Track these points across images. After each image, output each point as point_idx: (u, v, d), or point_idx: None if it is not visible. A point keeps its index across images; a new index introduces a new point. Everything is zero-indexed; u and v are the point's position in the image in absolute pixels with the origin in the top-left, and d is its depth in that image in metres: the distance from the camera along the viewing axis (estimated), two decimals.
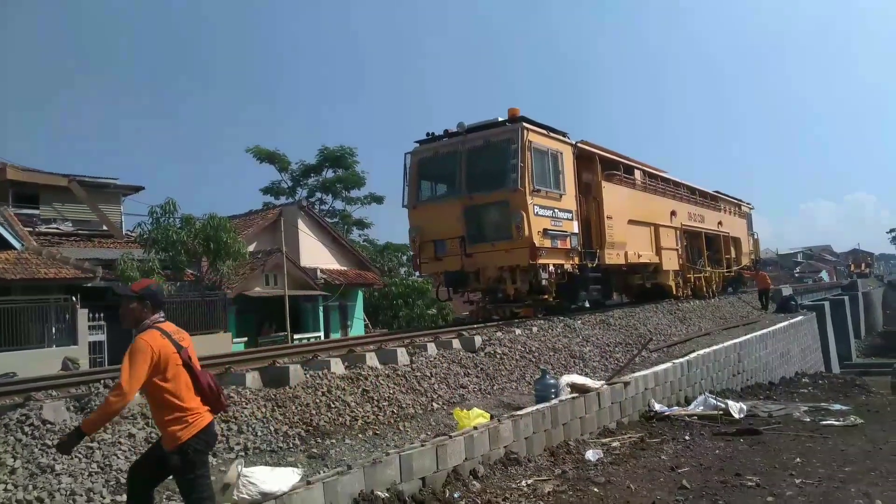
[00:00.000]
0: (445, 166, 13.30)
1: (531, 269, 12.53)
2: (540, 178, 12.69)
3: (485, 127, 13.06)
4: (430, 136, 13.76)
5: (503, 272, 12.83)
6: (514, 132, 12.47)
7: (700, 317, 17.86)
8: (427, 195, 13.90)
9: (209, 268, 20.42)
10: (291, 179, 40.37)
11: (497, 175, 12.65)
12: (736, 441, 8.14)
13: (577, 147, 14.31)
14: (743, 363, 14.15)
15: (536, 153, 12.67)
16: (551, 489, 5.95)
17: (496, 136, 12.78)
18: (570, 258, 13.55)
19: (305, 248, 26.05)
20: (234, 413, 6.17)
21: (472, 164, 12.90)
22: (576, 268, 13.77)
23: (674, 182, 20.24)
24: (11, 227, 17.95)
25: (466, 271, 13.11)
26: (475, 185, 12.78)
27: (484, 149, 12.87)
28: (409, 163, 13.70)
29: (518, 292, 13.04)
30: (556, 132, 13.73)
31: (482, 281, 13.20)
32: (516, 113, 12.79)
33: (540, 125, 13.18)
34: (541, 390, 8.00)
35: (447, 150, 13.31)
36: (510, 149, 12.42)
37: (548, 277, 12.81)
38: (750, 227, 28.49)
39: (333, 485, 4.71)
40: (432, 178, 13.91)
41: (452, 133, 13.36)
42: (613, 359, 11.66)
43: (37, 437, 5.07)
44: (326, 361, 7.88)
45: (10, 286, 16.23)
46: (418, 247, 13.48)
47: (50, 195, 21.43)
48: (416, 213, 13.64)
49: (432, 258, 13.33)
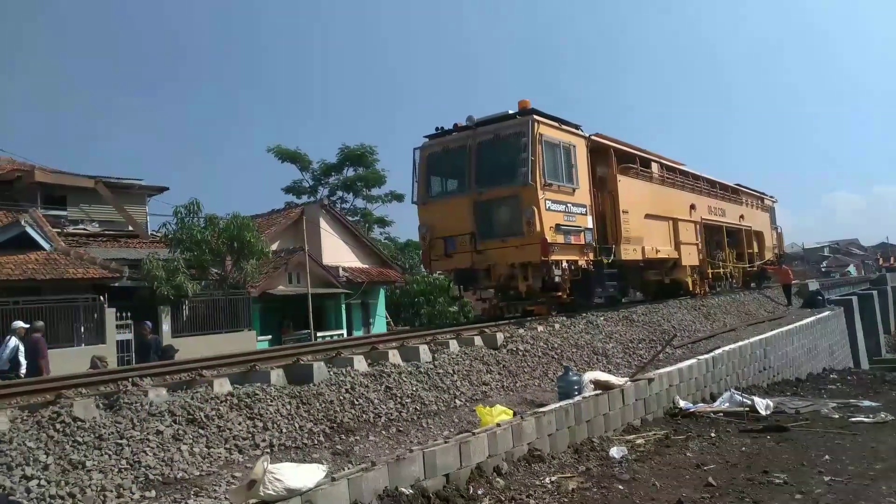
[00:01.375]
0: (454, 161, 13.06)
1: (543, 265, 12.21)
2: (552, 171, 12.38)
3: (494, 120, 12.77)
4: (439, 130, 13.48)
5: (515, 269, 12.56)
6: (524, 125, 12.16)
7: (725, 313, 17.65)
8: (437, 191, 13.64)
9: (233, 267, 20.63)
10: (313, 178, 40.67)
11: (507, 169, 12.40)
12: (763, 438, 8.03)
13: (590, 140, 13.97)
14: (769, 359, 13.96)
15: (548, 146, 12.34)
16: (575, 486, 5.93)
17: (506, 129, 12.48)
18: (585, 254, 13.24)
19: (327, 247, 26.20)
20: (259, 410, 6.23)
21: (481, 159, 12.64)
22: (591, 264, 13.45)
23: (693, 175, 19.75)
24: (40, 229, 18.27)
25: (477, 268, 12.85)
26: (485, 180, 12.52)
27: (493, 143, 12.59)
28: (417, 158, 13.45)
29: (530, 289, 12.75)
30: (569, 124, 13.42)
31: (493, 278, 12.93)
32: (527, 105, 12.49)
33: (552, 117, 12.87)
34: (564, 387, 7.97)
35: (456, 145, 13.05)
36: (520, 142, 12.13)
37: (561, 274, 12.48)
38: (773, 221, 27.79)
39: (358, 481, 4.73)
40: (441, 173, 13.66)
41: (462, 127, 13.09)
42: (637, 355, 11.58)
43: (68, 433, 5.16)
44: (350, 359, 7.93)
45: (39, 286, 16.56)
46: (428, 244, 13.27)
47: (77, 196, 21.80)
48: (425, 209, 13.44)
49: (442, 255, 13.10)
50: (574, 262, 12.92)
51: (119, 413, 5.61)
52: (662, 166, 17.71)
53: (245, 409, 6.21)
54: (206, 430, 5.74)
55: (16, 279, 16.02)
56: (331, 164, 39.94)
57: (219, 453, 5.53)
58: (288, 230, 25.88)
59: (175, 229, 19.85)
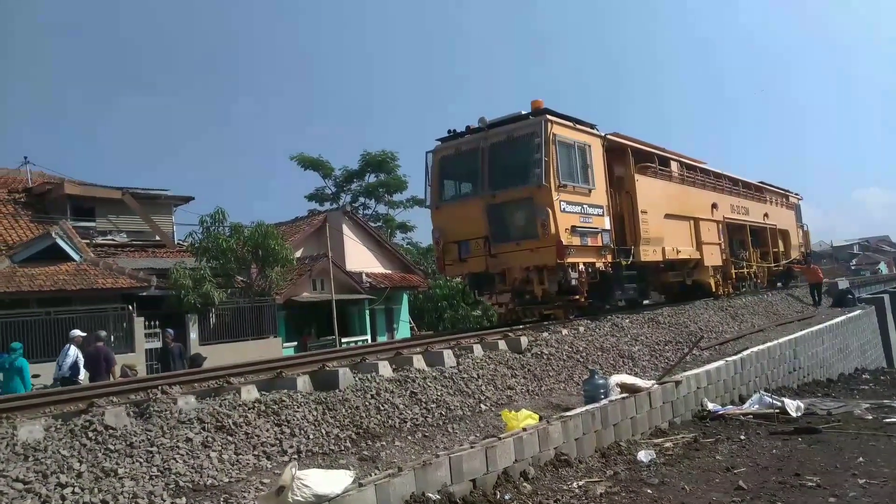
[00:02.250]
0: (467, 164, 12.84)
1: (559, 268, 11.95)
2: (566, 172, 12.13)
3: (507, 121, 12.54)
4: (451, 133, 13.29)
5: (530, 273, 12.29)
6: (537, 125, 11.91)
7: (752, 313, 17.40)
8: (450, 194, 13.44)
9: (258, 274, 20.85)
10: (335, 185, 41.02)
11: (520, 171, 12.14)
12: (794, 440, 7.91)
13: (606, 139, 13.64)
14: (799, 360, 13.74)
15: (562, 146, 12.09)
16: (603, 490, 5.89)
17: (518, 130, 12.24)
18: (602, 256, 12.96)
19: (350, 253, 26.38)
20: (286, 416, 6.28)
21: (494, 161, 12.41)
22: (609, 266, 13.18)
23: (714, 173, 19.35)
24: (70, 240, 18.64)
25: (491, 273, 12.64)
26: (498, 183, 12.29)
27: (506, 144, 12.36)
28: (430, 162, 13.27)
29: (546, 293, 12.48)
30: (584, 124, 13.14)
31: (508, 282, 12.68)
32: (540, 105, 12.23)
33: (566, 117, 12.61)
34: (590, 391, 7.93)
35: (468, 147, 12.82)
36: (533, 143, 11.86)
37: (578, 277, 12.23)
38: (799, 219, 27.18)
39: (385, 487, 4.75)
40: (454, 176, 13.45)
41: (474, 129, 12.86)
42: (664, 358, 11.47)
43: (100, 441, 5.25)
44: (374, 364, 7.95)
45: (70, 296, 16.88)
46: (442, 248, 13.12)
47: (105, 208, 22.15)
48: (438, 213, 13.28)
49: (456, 260, 12.89)
50: (591, 264, 12.69)
51: (149, 421, 5.70)
52: (682, 165, 17.37)
53: (272, 415, 6.27)
54: (234, 436, 5.80)
55: (47, 290, 16.37)
56: (353, 170, 40.28)
57: (247, 460, 5.58)
58: (311, 237, 26.11)
59: (201, 238, 20.15)
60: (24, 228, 19.76)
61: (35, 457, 4.88)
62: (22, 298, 16.19)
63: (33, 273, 16.81)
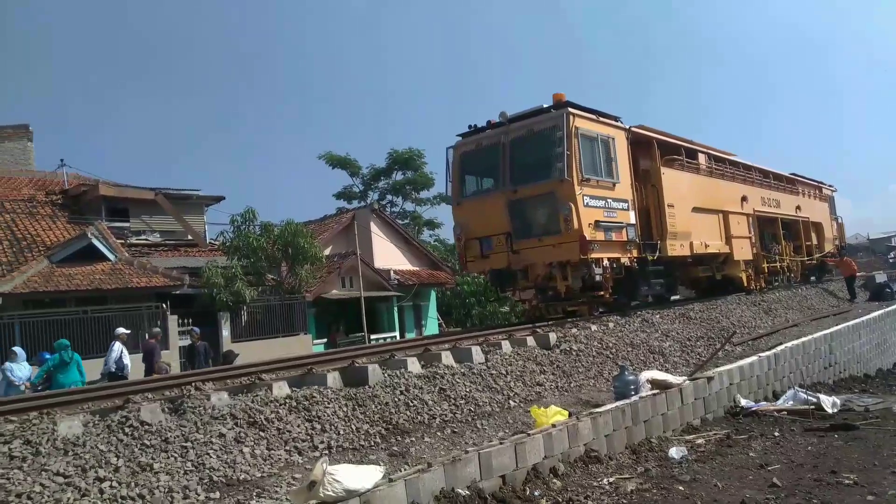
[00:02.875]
0: (488, 159, 12.69)
1: (583, 264, 11.71)
2: (589, 166, 11.88)
3: (528, 115, 12.36)
4: (472, 128, 13.17)
5: (553, 269, 12.07)
6: (558, 119, 11.70)
7: (786, 308, 17.08)
8: (472, 190, 13.30)
9: (288, 272, 21.08)
10: (363, 183, 41.27)
11: (542, 165, 11.96)
12: (830, 437, 7.75)
13: (631, 132, 13.36)
14: (835, 355, 13.45)
15: (584, 140, 11.86)
16: (634, 487, 5.84)
17: (540, 124, 12.05)
18: (628, 251, 12.66)
19: (378, 250, 26.51)
20: (317, 412, 6.35)
21: (515, 156, 12.24)
22: (634, 261, 12.87)
23: (744, 165, 18.87)
24: (106, 240, 19.05)
25: (513, 269, 12.46)
26: (519, 178, 12.11)
27: (527, 138, 12.16)
28: (451, 157, 13.19)
29: (570, 290, 12.27)
30: (607, 116, 12.89)
31: (530, 279, 12.51)
32: (561, 98, 12.04)
33: (588, 110, 12.39)
34: (620, 387, 7.86)
35: (489, 142, 12.68)
36: (555, 136, 11.65)
37: (602, 273, 11.95)
38: (833, 211, 26.46)
39: (415, 482, 4.77)
40: (475, 172, 13.33)
41: (495, 124, 12.73)
42: (695, 353, 11.33)
43: (136, 437, 5.37)
44: (403, 361, 8.00)
45: (106, 295, 17.26)
46: (463, 245, 12.99)
47: (139, 208, 22.58)
48: (459, 209, 13.18)
49: (478, 256, 12.74)
50: (616, 259, 12.42)
51: (183, 417, 5.81)
52: (710, 157, 16.98)
53: (303, 411, 6.35)
54: (266, 432, 5.89)
55: (84, 289, 16.75)
56: (380, 168, 40.50)
57: (279, 455, 5.67)
58: (340, 235, 26.31)
59: (232, 237, 20.43)
60: (61, 229, 20.24)
61: (74, 451, 5.02)
62: (60, 297, 16.60)
63: (70, 273, 17.22)
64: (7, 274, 16.47)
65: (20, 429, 5.26)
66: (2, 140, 28.41)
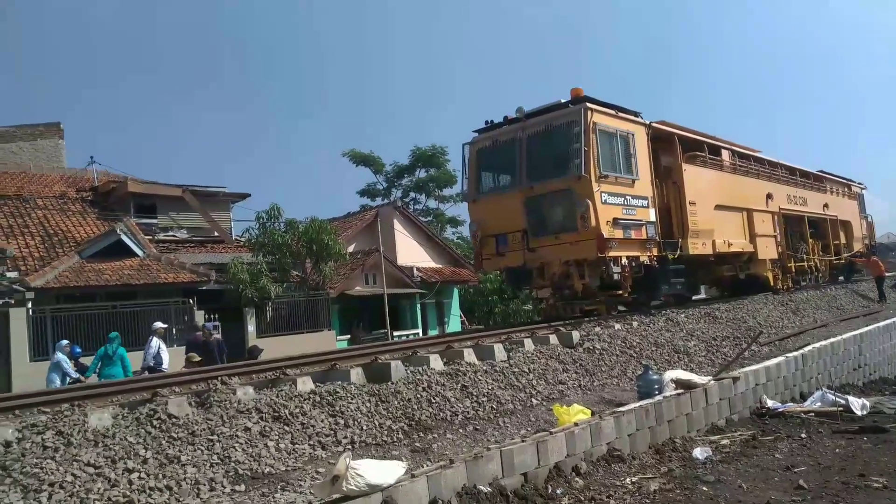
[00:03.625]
0: (505, 155, 12.50)
1: (600, 262, 11.52)
2: (608, 162, 11.63)
3: (545, 111, 12.16)
4: (489, 123, 13.00)
5: (570, 267, 11.88)
6: (576, 114, 11.48)
7: (815, 308, 16.82)
8: (488, 187, 13.15)
9: (312, 269, 21.24)
10: (386, 181, 41.41)
11: (559, 162, 11.76)
12: (859, 439, 7.62)
13: (651, 127, 13.08)
14: (864, 356, 13.20)
15: (603, 135, 11.60)
16: (657, 487, 5.80)
17: (557, 119, 11.84)
18: (647, 249, 12.41)
19: (401, 248, 26.60)
20: (340, 408, 6.41)
21: (532, 152, 12.04)
22: (654, 260, 12.63)
23: (769, 162, 18.46)
24: (134, 237, 19.37)
25: (529, 267, 12.28)
26: (536, 174, 11.91)
27: (544, 134, 11.96)
28: (467, 154, 13.06)
29: (587, 288, 12.09)
30: (627, 112, 12.64)
31: (546, 277, 12.28)
32: (580, 93, 11.83)
33: (607, 105, 12.16)
34: (643, 386, 7.82)
35: (506, 138, 12.49)
36: (572, 132, 11.46)
37: (620, 271, 11.77)
38: (862, 209, 25.85)
39: (437, 478, 4.80)
40: (492, 168, 13.14)
41: (511, 119, 12.55)
42: (721, 353, 11.21)
43: (164, 430, 5.47)
44: (426, 357, 8.03)
45: (135, 291, 17.55)
46: (479, 242, 12.83)
47: (166, 205, 22.91)
48: (475, 206, 13.05)
49: (494, 254, 12.56)
50: (635, 258, 12.18)
51: (210, 410, 5.90)
52: (734, 153, 16.62)
53: (327, 406, 6.41)
54: (290, 426, 5.96)
55: (113, 285, 17.05)
56: (403, 165, 40.59)
57: (303, 449, 5.73)
58: (363, 232, 26.44)
59: (257, 234, 20.64)
60: (91, 225, 20.63)
61: (104, 443, 5.13)
62: (90, 292, 16.92)
63: (100, 268, 17.54)
64: (40, 269, 16.84)
65: (53, 420, 5.38)
66: (34, 138, 29.05)
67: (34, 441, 5.02)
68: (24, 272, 16.58)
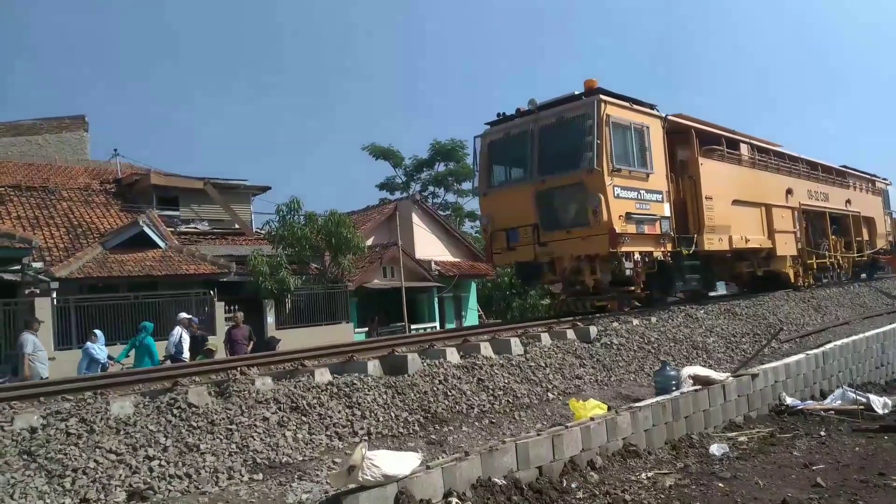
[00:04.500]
0: (516, 148, 12.34)
1: (612, 257, 11.30)
2: (621, 155, 11.40)
3: (558, 103, 11.94)
4: (501, 116, 12.80)
5: (581, 262, 11.69)
6: (589, 106, 11.25)
7: (837, 305, 16.59)
8: (500, 180, 12.96)
9: (331, 262, 21.38)
10: (405, 174, 41.49)
11: (571, 155, 11.54)
12: (879, 438, 7.53)
13: (667, 120, 12.79)
14: (887, 354, 13.02)
15: (616, 128, 11.36)
16: (673, 483, 5.80)
17: (570, 111, 11.62)
18: (661, 245, 12.16)
19: (420, 241, 26.66)
20: (357, 399, 6.47)
21: (544, 145, 11.83)
22: (668, 255, 12.39)
23: (790, 156, 18.02)
24: (156, 229, 19.63)
25: (539, 262, 12.10)
26: (548, 168, 11.71)
27: (557, 127, 11.73)
28: (478, 146, 12.94)
29: (598, 284, 11.89)
30: (642, 104, 12.36)
31: (557, 272, 12.08)
32: (593, 85, 11.56)
33: (622, 97, 11.90)
34: (661, 382, 7.79)
35: (518, 131, 12.28)
36: (585, 125, 11.23)
37: (633, 267, 11.52)
38: (887, 205, 25.17)
39: (452, 470, 4.84)
40: (503, 161, 12.97)
41: (524, 112, 12.33)
42: (740, 350, 11.13)
43: (184, 418, 5.56)
44: (442, 350, 8.06)
45: (157, 282, 17.80)
46: (490, 236, 12.65)
47: (188, 197, 23.16)
48: (487, 200, 12.91)
49: (505, 248, 12.36)
50: (648, 253, 11.92)
51: (229, 400, 5.98)
52: (753, 147, 16.26)
53: (344, 397, 6.47)
54: (308, 417, 6.03)
55: (136, 275, 17.31)
56: (422, 159, 40.63)
57: (320, 439, 5.80)
58: (382, 226, 26.53)
59: (277, 227, 20.81)
60: (114, 217, 20.95)
61: (126, 430, 5.23)
62: (113, 283, 17.19)
63: (123, 259, 17.81)
64: (64, 259, 17.13)
65: (76, 407, 5.50)
66: (60, 131, 29.49)
67: (58, 428, 5.13)
68: (49, 262, 16.89)
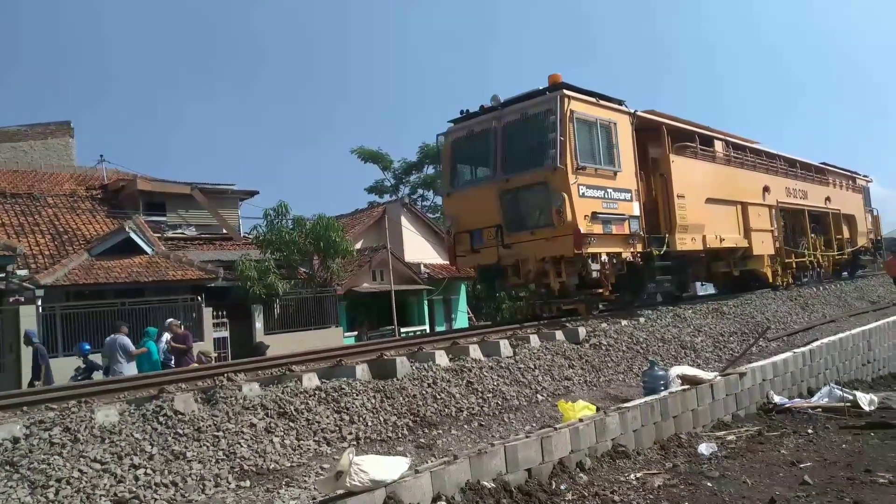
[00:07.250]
0: (480, 146, 11.91)
1: (578, 259, 10.89)
2: (586, 153, 11.02)
3: (522, 98, 11.57)
4: (464, 113, 12.36)
5: (546, 264, 11.25)
6: (552, 101, 10.85)
7: (824, 303, 16.72)
8: (464, 180, 12.56)
9: (320, 266, 21.33)
10: (394, 177, 41.46)
11: (534, 152, 11.13)
12: (866, 435, 7.58)
13: (636, 116, 12.38)
14: (873, 352, 13.12)
15: (581, 124, 10.97)
16: (661, 483, 5.80)
17: (533, 107, 11.24)
18: (631, 245, 11.82)
19: (409, 244, 26.65)
20: (345, 404, 6.44)
21: (507, 142, 11.47)
22: (638, 256, 12.02)
23: (767, 153, 17.68)
24: (143, 234, 19.50)
25: (504, 264, 11.68)
26: (512, 166, 11.34)
27: (520, 123, 11.36)
28: (442, 145, 12.57)
29: (564, 287, 11.43)
30: (609, 99, 11.97)
31: (521, 275, 11.62)
32: (558, 79, 11.20)
33: (587, 92, 11.51)
34: (649, 382, 7.80)
35: (481, 128, 11.88)
36: (548, 121, 10.83)
37: (600, 269, 11.14)
38: (867, 203, 25.05)
39: (441, 474, 4.82)
40: (467, 160, 12.54)
41: (487, 108, 11.94)
42: (728, 349, 11.18)
43: (170, 426, 5.51)
44: (431, 354, 8.05)
45: (143, 288, 17.67)
46: (453, 238, 12.20)
47: (175, 202, 23.06)
48: (450, 200, 12.54)
49: (469, 250, 11.97)
50: (617, 254, 11.59)
51: (216, 407, 5.94)
52: (728, 144, 15.99)
53: (332, 402, 6.44)
54: (296, 423, 5.99)
55: (122, 282, 17.18)
56: (411, 162, 40.65)
57: (308, 445, 5.77)
58: (371, 229, 26.52)
59: (265, 231, 20.74)
60: (100, 223, 20.79)
61: (111, 439, 5.18)
62: (99, 290, 17.05)
63: (109, 265, 17.67)
64: (49, 267, 16.98)
65: (60, 416, 5.44)
66: (45, 137, 29.25)
67: (41, 437, 5.08)
68: (35, 270, 16.74)
